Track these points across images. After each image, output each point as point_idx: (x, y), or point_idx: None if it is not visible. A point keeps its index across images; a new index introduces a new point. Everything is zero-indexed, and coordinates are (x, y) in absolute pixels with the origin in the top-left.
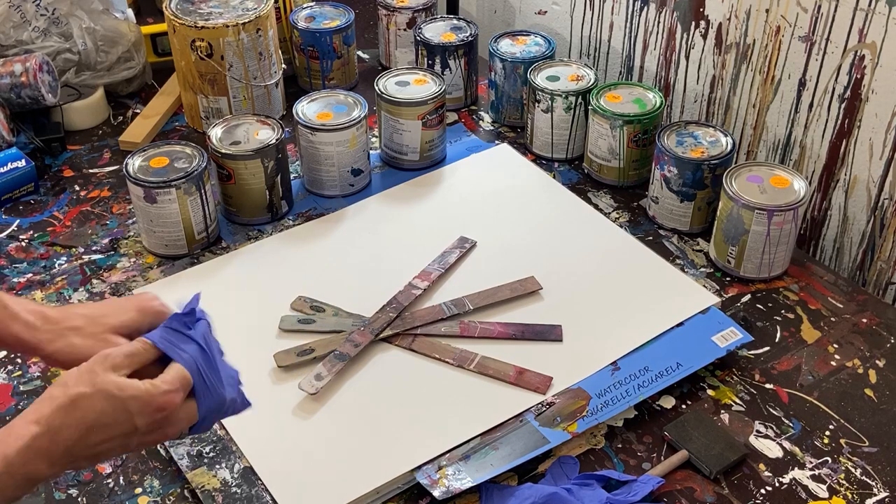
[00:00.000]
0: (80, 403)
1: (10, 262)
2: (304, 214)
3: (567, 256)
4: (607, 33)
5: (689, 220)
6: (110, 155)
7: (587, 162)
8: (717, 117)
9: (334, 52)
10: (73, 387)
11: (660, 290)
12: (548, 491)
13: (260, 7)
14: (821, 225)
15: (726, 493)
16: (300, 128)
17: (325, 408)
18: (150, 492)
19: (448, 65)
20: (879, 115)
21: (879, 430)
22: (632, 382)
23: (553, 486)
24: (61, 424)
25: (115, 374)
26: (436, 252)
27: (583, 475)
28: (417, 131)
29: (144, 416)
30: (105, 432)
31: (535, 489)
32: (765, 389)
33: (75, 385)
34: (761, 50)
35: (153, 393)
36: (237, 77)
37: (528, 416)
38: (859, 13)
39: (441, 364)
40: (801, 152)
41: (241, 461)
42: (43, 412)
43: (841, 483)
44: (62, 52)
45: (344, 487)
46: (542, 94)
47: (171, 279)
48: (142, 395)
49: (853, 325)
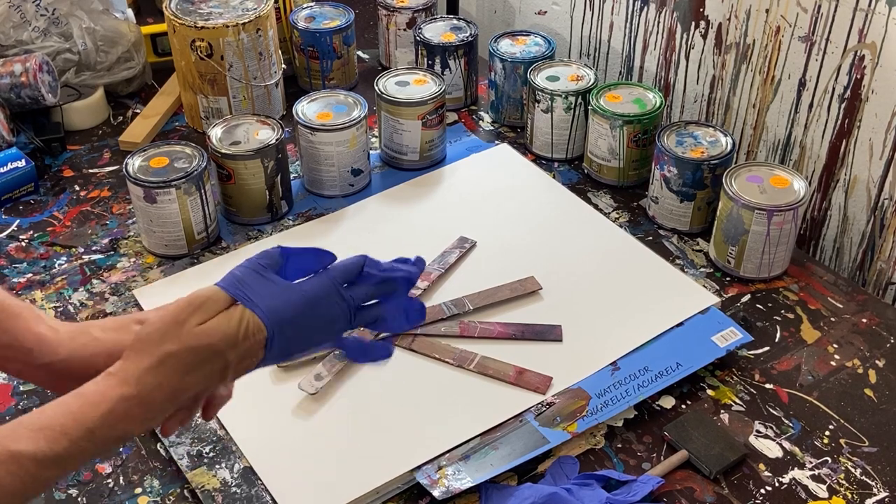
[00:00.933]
0: (169, 361)
1: (10, 262)
2: (304, 214)
3: (567, 256)
4: (607, 33)
5: (689, 220)
6: (110, 155)
7: (587, 162)
8: (717, 117)
9: (334, 52)
10: (160, 344)
11: (660, 290)
12: (547, 491)
13: (260, 7)
14: (821, 225)
15: (726, 493)
16: (300, 128)
17: (325, 408)
18: (150, 492)
19: (448, 65)
20: (879, 115)
21: (879, 430)
22: (632, 382)
23: (553, 486)
24: (153, 384)
25: (196, 322)
26: (436, 252)
27: (583, 475)
28: (417, 131)
29: (233, 350)
30: (199, 374)
31: (535, 489)
32: (765, 389)
33: (161, 342)
34: (761, 50)
35: (236, 328)
36: (237, 77)
37: (528, 416)
38: (859, 13)
39: (441, 364)
40: (800, 152)
41: (241, 461)
42: (129, 372)
43: (841, 483)
44: (62, 52)
45: (344, 487)
46: (542, 94)
47: (171, 279)
48: (229, 334)
49: (853, 325)
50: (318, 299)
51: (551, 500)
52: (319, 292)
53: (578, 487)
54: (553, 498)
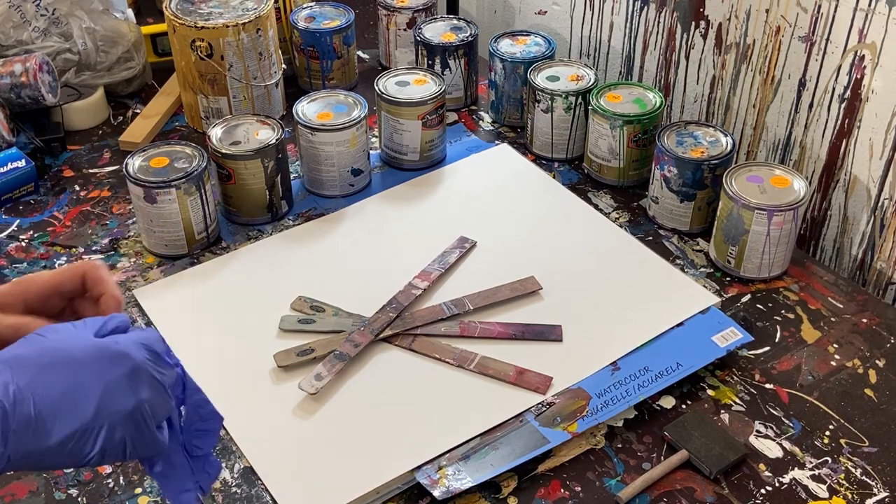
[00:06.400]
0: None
1: (10, 263)
2: (304, 214)
3: (567, 256)
4: (607, 33)
5: (689, 220)
6: (110, 155)
7: (587, 162)
8: (717, 117)
9: (334, 52)
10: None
11: (660, 290)
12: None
13: (260, 7)
14: (821, 225)
15: (726, 493)
16: (300, 128)
17: (325, 408)
18: (150, 492)
19: (448, 65)
20: (879, 115)
21: (879, 430)
22: (632, 382)
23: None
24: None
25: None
26: (436, 252)
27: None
28: (417, 131)
29: None
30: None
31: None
32: (765, 389)
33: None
34: (761, 50)
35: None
36: (237, 77)
37: (528, 416)
38: (859, 13)
39: (441, 364)
40: (801, 152)
41: (241, 461)
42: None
43: (841, 483)
44: (62, 52)
45: (344, 487)
46: (542, 94)
47: (171, 279)
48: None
49: (853, 325)
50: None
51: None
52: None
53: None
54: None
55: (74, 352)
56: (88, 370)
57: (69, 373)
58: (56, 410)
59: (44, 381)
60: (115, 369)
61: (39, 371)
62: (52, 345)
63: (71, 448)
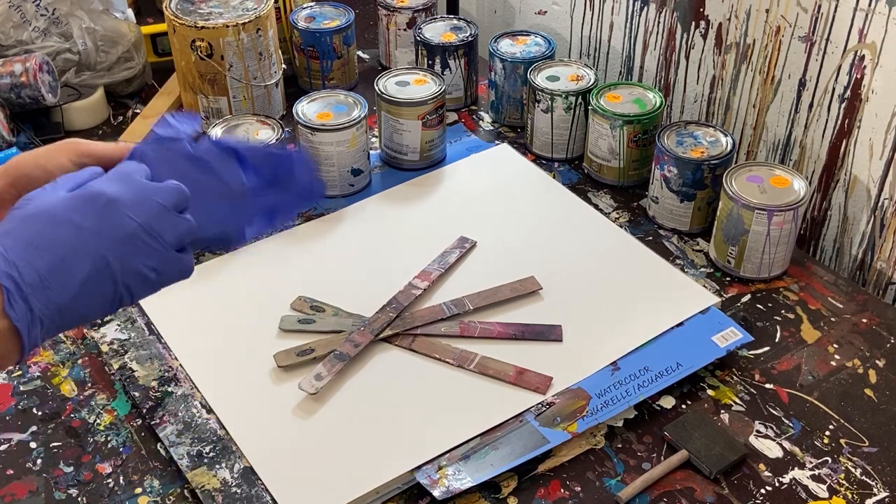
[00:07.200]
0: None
1: None
2: (304, 214)
3: (567, 256)
4: (607, 33)
5: (689, 220)
6: None
7: (587, 162)
8: (717, 117)
9: (334, 52)
10: None
11: (660, 290)
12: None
13: (260, 7)
14: (821, 225)
15: (726, 493)
16: (300, 128)
17: (325, 408)
18: (150, 492)
19: (448, 65)
20: (879, 115)
21: (879, 430)
22: (632, 382)
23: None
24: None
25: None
26: (436, 252)
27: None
28: (417, 131)
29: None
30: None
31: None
32: (765, 389)
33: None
34: (761, 50)
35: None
36: (237, 77)
37: (528, 416)
38: (859, 13)
39: (441, 364)
40: (801, 152)
41: (241, 461)
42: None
43: (841, 483)
44: (62, 52)
45: (344, 487)
46: (542, 94)
47: None
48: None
49: (853, 325)
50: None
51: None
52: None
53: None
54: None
55: (54, 210)
56: (69, 222)
57: (55, 229)
58: (60, 266)
59: (36, 245)
60: (90, 209)
61: (29, 239)
62: (31, 211)
63: (93, 291)
